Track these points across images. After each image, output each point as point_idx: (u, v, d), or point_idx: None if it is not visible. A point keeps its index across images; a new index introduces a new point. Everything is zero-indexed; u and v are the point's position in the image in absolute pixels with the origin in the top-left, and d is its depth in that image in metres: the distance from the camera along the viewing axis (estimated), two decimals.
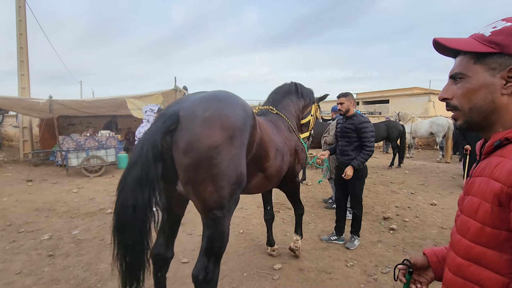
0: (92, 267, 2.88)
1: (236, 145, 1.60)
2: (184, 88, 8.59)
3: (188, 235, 3.67)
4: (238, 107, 1.73)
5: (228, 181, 1.58)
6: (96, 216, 4.41)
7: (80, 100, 8.56)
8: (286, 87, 2.98)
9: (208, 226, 1.64)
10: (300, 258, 3.09)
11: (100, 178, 7.31)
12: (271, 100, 2.86)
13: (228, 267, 2.90)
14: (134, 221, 1.45)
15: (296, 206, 3.10)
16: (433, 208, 4.83)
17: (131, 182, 1.44)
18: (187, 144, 1.51)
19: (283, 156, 2.38)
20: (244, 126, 1.67)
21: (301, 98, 3.02)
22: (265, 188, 2.52)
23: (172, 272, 2.75)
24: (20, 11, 9.82)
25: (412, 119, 11.00)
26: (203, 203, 1.61)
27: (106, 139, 8.06)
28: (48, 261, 3.00)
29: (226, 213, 1.64)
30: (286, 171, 2.55)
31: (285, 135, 2.56)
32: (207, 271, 1.62)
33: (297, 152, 2.74)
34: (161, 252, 1.93)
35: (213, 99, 1.70)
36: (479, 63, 0.71)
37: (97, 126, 11.21)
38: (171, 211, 1.95)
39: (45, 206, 4.87)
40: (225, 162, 1.55)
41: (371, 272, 2.81)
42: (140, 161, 1.45)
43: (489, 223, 0.66)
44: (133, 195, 1.43)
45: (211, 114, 1.57)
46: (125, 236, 1.46)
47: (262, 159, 2.04)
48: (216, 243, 1.65)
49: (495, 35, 0.69)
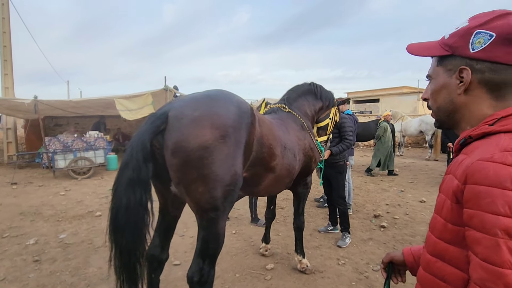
0: (80, 272, 2.81)
1: (229, 144, 1.55)
2: (175, 87, 8.48)
3: (180, 236, 3.62)
4: (232, 104, 1.68)
5: (220, 182, 1.54)
6: (84, 219, 4.31)
7: (67, 100, 8.35)
8: (304, 87, 2.88)
9: (203, 227, 1.62)
10: (292, 258, 3.09)
11: (88, 180, 7.15)
12: (285, 98, 2.78)
13: (220, 268, 2.87)
14: (127, 222, 1.46)
15: (296, 215, 2.88)
16: (422, 205, 4.92)
17: (124, 183, 1.46)
18: (175, 144, 1.49)
19: (294, 155, 2.29)
20: (238, 124, 1.62)
21: (318, 99, 2.89)
22: (277, 189, 2.43)
23: (164, 274, 2.69)
24: (3, 9, 9.52)
25: (402, 117, 11.19)
26: (196, 204, 1.59)
27: (94, 140, 7.90)
28: (33, 266, 2.91)
29: (220, 214, 1.61)
30: (299, 171, 2.49)
31: (297, 134, 2.48)
32: (202, 273, 1.60)
33: (313, 151, 2.65)
34: (156, 253, 1.91)
35: (204, 98, 1.67)
36: (440, 65, 0.74)
37: (85, 127, 10.99)
38: (166, 213, 1.93)
39: (30, 210, 4.72)
40: (217, 162, 1.51)
41: (363, 270, 2.84)
42: (131, 162, 1.46)
43: (451, 219, 0.67)
44: (125, 196, 1.45)
45: (200, 113, 1.54)
46: (119, 237, 1.48)
47: (267, 157, 1.95)
48: (211, 245, 1.63)
49: (450, 38, 0.71)
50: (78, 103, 8.25)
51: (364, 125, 8.98)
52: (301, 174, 2.60)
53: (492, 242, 0.54)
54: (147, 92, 7.60)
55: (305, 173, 2.66)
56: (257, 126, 1.83)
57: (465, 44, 0.67)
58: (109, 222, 1.50)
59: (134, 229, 1.47)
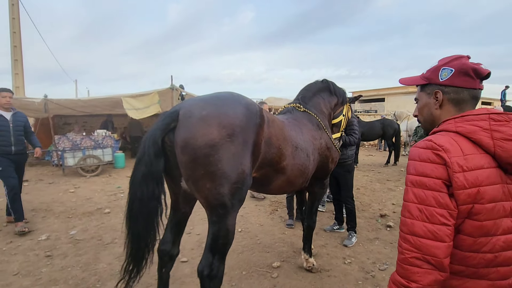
0: (90, 267, 2.88)
1: (236, 143, 1.59)
2: (181, 86, 8.54)
3: (187, 234, 3.67)
4: (240, 105, 1.72)
5: (227, 179, 1.58)
6: (93, 216, 4.39)
7: (76, 100, 8.48)
8: (317, 85, 2.87)
9: (213, 222, 1.67)
10: (298, 256, 3.11)
11: (97, 178, 7.27)
12: (300, 97, 2.77)
13: (227, 265, 2.88)
14: (141, 212, 1.61)
15: (309, 215, 2.87)
16: None
17: (138, 177, 1.60)
18: (183, 141, 1.56)
19: (307, 155, 2.29)
20: (246, 124, 1.66)
21: (333, 95, 2.89)
22: (291, 188, 2.43)
23: (171, 271, 2.75)
24: (13, 9, 9.70)
25: (408, 117, 11.10)
26: (205, 200, 1.64)
27: (102, 139, 8.01)
28: (46, 261, 2.99)
29: (229, 211, 1.65)
30: (314, 171, 2.48)
31: (312, 133, 2.47)
32: (212, 267, 1.66)
33: (330, 150, 2.62)
34: (167, 248, 1.97)
35: (213, 99, 1.73)
36: (422, 91, 1.08)
37: (93, 125, 11.12)
38: (178, 209, 1.99)
39: (41, 207, 4.83)
40: (224, 159, 1.55)
41: (369, 269, 2.85)
42: (143, 158, 1.59)
43: None
44: (139, 189, 1.59)
45: (208, 112, 1.60)
46: (133, 224, 1.64)
47: (276, 158, 1.96)
48: (220, 240, 1.67)
49: (427, 73, 1.05)
50: (86, 102, 8.37)
51: (369, 125, 8.94)
52: (318, 174, 2.59)
53: (406, 189, 0.92)
54: (153, 91, 7.68)
55: (322, 173, 2.64)
56: (266, 128, 1.85)
57: (436, 76, 1.01)
58: (126, 211, 1.66)
59: (147, 218, 1.63)
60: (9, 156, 3.74)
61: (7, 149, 3.71)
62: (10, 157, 3.75)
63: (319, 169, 2.55)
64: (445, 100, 1.00)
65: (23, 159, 4.05)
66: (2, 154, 3.69)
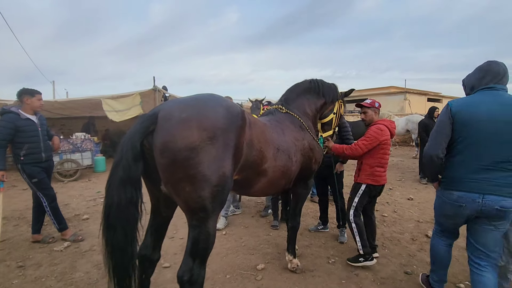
0: (66, 277, 2.74)
1: (217, 146, 1.57)
2: (164, 88, 8.38)
3: (169, 238, 3.58)
4: (221, 107, 1.70)
5: (207, 182, 1.55)
6: (71, 222, 4.20)
7: (52, 101, 8.13)
8: (303, 85, 2.83)
9: (193, 226, 1.64)
10: (283, 257, 3.10)
11: (75, 183, 6.99)
12: (283, 99, 2.76)
13: (211, 269, 2.85)
14: (119, 219, 1.53)
15: (293, 216, 2.86)
16: (410, 203, 5.02)
17: (115, 182, 1.53)
18: (162, 144, 1.52)
19: (289, 156, 2.28)
20: (227, 126, 1.64)
21: (320, 96, 2.84)
22: (273, 190, 2.42)
23: (153, 277, 2.64)
24: None
25: (389, 117, 11.39)
26: (185, 204, 1.61)
27: (81, 142, 7.72)
28: (17, 272, 2.82)
29: (210, 215, 1.63)
30: (298, 172, 2.48)
31: (294, 135, 2.46)
32: (192, 273, 1.62)
33: (313, 151, 2.62)
34: (147, 253, 1.92)
35: (193, 100, 1.70)
36: (369, 109, 2.99)
37: (71, 128, 10.73)
38: (158, 213, 1.94)
39: (14, 214, 4.58)
40: (204, 162, 1.53)
41: (352, 268, 2.87)
42: (121, 162, 1.52)
43: None
44: (117, 194, 1.51)
45: (188, 115, 1.57)
46: (111, 234, 1.54)
47: (257, 160, 1.96)
48: (201, 244, 1.64)
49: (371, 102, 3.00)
50: (63, 104, 8.06)
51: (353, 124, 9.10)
52: (301, 175, 2.58)
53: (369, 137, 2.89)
54: (135, 92, 7.49)
55: (305, 174, 2.63)
56: (247, 129, 1.84)
57: (374, 104, 2.99)
58: (102, 220, 1.56)
59: (126, 226, 1.54)
60: (40, 164, 3.39)
61: (38, 157, 3.35)
62: (41, 165, 3.40)
63: (302, 170, 2.55)
64: (376, 113, 2.98)
65: (52, 165, 3.70)
66: (33, 163, 3.33)
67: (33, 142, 3.33)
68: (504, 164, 1.80)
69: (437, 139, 1.99)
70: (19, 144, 3.26)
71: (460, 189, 1.93)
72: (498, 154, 1.81)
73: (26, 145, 3.28)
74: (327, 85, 2.91)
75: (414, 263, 2.99)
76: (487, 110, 1.83)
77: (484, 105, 1.85)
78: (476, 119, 1.84)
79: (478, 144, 1.85)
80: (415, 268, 2.88)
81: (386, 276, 2.72)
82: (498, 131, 1.80)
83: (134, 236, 1.58)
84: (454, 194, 1.96)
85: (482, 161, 1.84)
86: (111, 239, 1.53)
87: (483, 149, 1.83)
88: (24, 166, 3.29)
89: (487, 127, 1.82)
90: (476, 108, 1.86)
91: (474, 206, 1.87)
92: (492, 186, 1.82)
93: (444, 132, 1.96)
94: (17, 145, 3.26)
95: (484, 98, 1.89)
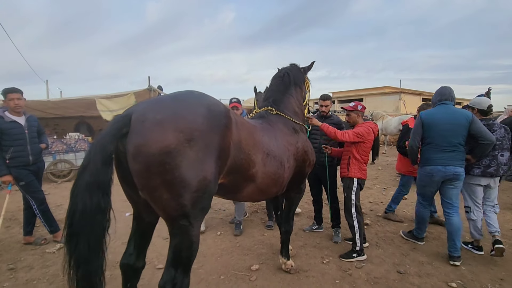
0: (58, 279, 2.71)
1: (196, 149, 1.47)
2: (159, 88, 8.33)
3: (164, 239, 3.55)
4: (201, 106, 1.59)
5: (187, 188, 1.45)
6: (63, 224, 4.14)
7: (45, 101, 8.02)
8: (284, 82, 2.72)
9: (174, 235, 1.56)
10: (278, 258, 3.10)
11: (69, 183, 6.90)
12: (271, 100, 2.65)
13: (205, 270, 2.84)
14: (83, 227, 1.39)
15: (286, 220, 2.82)
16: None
17: (81, 187, 1.40)
18: (135, 148, 1.41)
19: (281, 163, 2.19)
20: (207, 127, 1.54)
21: (298, 88, 2.79)
22: (263, 197, 2.35)
23: (147, 278, 2.65)
24: None
25: (383, 117, 11.47)
26: (163, 212, 1.52)
27: (75, 142, 7.64)
28: (8, 275, 2.79)
29: (192, 222, 1.54)
30: (291, 177, 2.40)
31: (287, 139, 2.38)
32: (174, 282, 1.55)
33: (307, 153, 2.56)
34: (130, 262, 1.82)
35: (170, 100, 1.60)
36: (351, 111, 3.26)
37: (65, 128, 10.60)
38: (141, 219, 1.84)
39: (6, 216, 4.47)
40: (182, 167, 1.43)
41: (346, 268, 2.89)
42: (88, 166, 1.40)
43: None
44: (82, 200, 1.38)
45: (163, 116, 1.46)
46: (73, 244, 1.40)
47: (244, 164, 1.85)
48: (183, 253, 1.57)
49: (353, 105, 3.26)
50: (57, 103, 7.95)
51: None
52: (294, 180, 2.52)
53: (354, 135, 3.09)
54: (129, 92, 7.43)
55: (299, 178, 2.58)
56: (234, 129, 1.74)
57: (357, 108, 3.23)
58: (64, 228, 1.42)
59: (90, 236, 1.40)
60: (28, 167, 3.33)
61: (25, 160, 3.29)
62: (29, 168, 3.34)
63: (296, 174, 2.48)
64: (359, 116, 3.23)
65: (41, 167, 3.63)
66: (20, 166, 3.26)
67: (18, 145, 3.26)
68: (453, 148, 2.91)
69: (414, 136, 3.12)
70: (4, 147, 3.21)
71: (431, 164, 3.01)
72: (449, 142, 2.91)
73: (11, 148, 3.22)
74: (294, 71, 2.80)
75: (407, 262, 3.01)
76: (441, 117, 2.96)
77: (439, 114, 2.99)
78: (436, 123, 2.98)
79: (438, 137, 2.96)
80: (408, 267, 2.90)
81: (380, 276, 2.74)
82: (448, 129, 2.92)
83: (101, 246, 1.45)
84: (427, 168, 3.05)
85: (441, 147, 2.95)
86: (73, 250, 1.40)
87: (441, 140, 2.94)
88: (10, 169, 3.24)
89: (442, 127, 2.94)
90: (435, 116, 3.01)
91: (440, 174, 2.95)
92: (449, 160, 2.92)
93: (418, 132, 3.09)
94: (3, 148, 3.21)
95: (439, 110, 3.04)
